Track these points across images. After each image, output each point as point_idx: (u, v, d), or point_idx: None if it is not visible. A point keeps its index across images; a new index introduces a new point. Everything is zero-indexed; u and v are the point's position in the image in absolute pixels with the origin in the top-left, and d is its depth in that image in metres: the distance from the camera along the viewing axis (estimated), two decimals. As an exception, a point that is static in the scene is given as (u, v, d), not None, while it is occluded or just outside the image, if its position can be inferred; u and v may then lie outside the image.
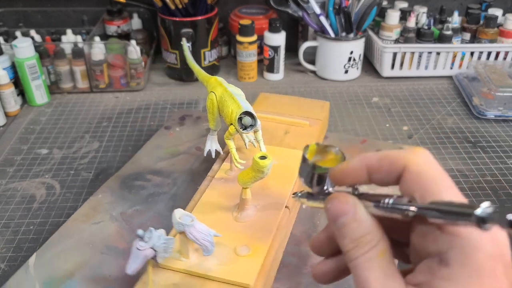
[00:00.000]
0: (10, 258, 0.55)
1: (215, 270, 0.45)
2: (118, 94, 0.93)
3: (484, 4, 1.05)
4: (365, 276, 0.24)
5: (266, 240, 0.48)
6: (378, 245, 0.25)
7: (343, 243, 0.25)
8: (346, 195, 0.26)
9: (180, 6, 0.91)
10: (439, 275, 0.23)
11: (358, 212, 0.25)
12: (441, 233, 0.23)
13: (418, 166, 0.24)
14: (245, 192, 0.50)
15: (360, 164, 0.26)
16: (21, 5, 1.06)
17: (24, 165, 0.71)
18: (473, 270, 0.22)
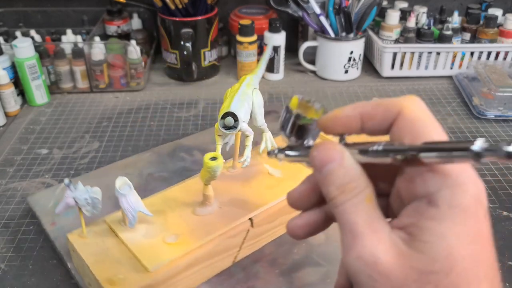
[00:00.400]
0: (10, 258, 0.55)
1: (134, 242, 0.48)
2: (118, 94, 0.93)
3: (484, 4, 1.05)
4: (353, 220, 0.24)
5: (200, 239, 0.49)
6: (364, 191, 0.25)
7: (329, 190, 0.25)
8: (333, 142, 0.26)
9: (180, 6, 0.91)
10: (427, 215, 0.23)
11: (345, 158, 0.25)
12: (432, 174, 0.23)
13: (413, 112, 0.25)
14: (205, 188, 0.51)
15: (353, 112, 0.26)
16: (21, 5, 1.06)
17: (24, 165, 0.71)
18: (460, 210, 0.23)
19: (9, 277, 0.52)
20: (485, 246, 0.23)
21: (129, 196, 0.47)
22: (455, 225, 0.23)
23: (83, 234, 0.49)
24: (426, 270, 0.22)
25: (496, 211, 0.61)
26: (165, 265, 0.46)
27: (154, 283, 0.45)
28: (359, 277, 0.24)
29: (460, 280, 0.22)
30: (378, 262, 0.23)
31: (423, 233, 0.23)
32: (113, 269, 0.46)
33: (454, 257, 0.22)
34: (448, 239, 0.22)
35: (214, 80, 0.99)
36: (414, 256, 0.23)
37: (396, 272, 0.23)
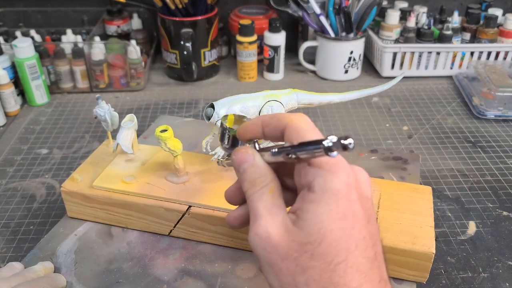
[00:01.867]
0: (10, 258, 0.55)
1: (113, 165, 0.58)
2: (118, 94, 0.93)
3: (484, 4, 1.05)
4: (256, 206, 0.30)
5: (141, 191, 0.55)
6: (269, 185, 0.31)
7: (244, 184, 0.32)
8: (247, 147, 0.33)
9: (180, 6, 0.91)
10: (307, 199, 0.29)
11: (255, 159, 0.32)
12: (309, 167, 0.29)
13: (296, 122, 0.31)
14: (175, 159, 0.55)
15: (257, 121, 0.34)
16: (21, 5, 1.06)
17: (24, 165, 0.71)
18: (331, 193, 0.28)
19: (9, 277, 0.52)
20: (357, 222, 0.28)
21: (123, 130, 0.57)
22: (327, 205, 0.28)
23: (109, 144, 0.63)
24: (303, 242, 0.28)
25: (496, 211, 0.61)
26: (104, 191, 0.55)
27: (90, 197, 0.55)
28: (257, 250, 0.30)
29: (330, 249, 0.27)
30: (270, 237, 0.29)
31: (304, 213, 0.29)
32: (85, 172, 0.58)
33: (324, 230, 0.28)
34: (321, 216, 0.28)
35: (214, 80, 0.99)
36: (296, 231, 0.29)
37: (282, 245, 0.29)
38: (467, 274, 0.52)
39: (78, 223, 0.57)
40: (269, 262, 0.29)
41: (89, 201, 0.56)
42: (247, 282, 0.50)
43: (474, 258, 0.54)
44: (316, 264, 0.27)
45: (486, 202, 0.63)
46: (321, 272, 0.27)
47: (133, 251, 0.54)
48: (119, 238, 0.56)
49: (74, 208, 0.57)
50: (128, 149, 0.58)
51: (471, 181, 0.67)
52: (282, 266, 0.28)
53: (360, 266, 0.28)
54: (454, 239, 0.57)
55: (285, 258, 0.28)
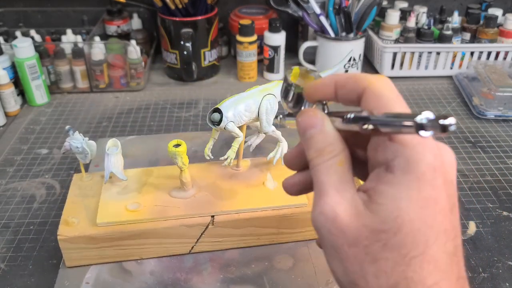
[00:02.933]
0: (10, 258, 0.55)
1: (105, 197, 0.53)
2: (118, 94, 0.93)
3: (484, 4, 1.05)
4: (323, 180, 0.27)
5: (154, 215, 0.51)
6: (339, 155, 0.27)
7: (309, 152, 0.28)
8: (316, 110, 0.29)
9: (180, 6, 0.91)
10: (384, 180, 0.25)
11: (325, 125, 0.28)
12: (390, 143, 0.25)
13: (378, 87, 0.27)
14: (181, 173, 0.53)
15: (329, 81, 0.29)
16: (21, 5, 1.06)
17: (24, 165, 0.71)
18: (414, 177, 0.24)
19: (9, 277, 0.52)
20: (439, 212, 0.25)
21: (111, 157, 0.53)
22: (407, 190, 0.24)
23: (83, 178, 0.57)
24: (376, 229, 0.25)
25: (496, 211, 0.61)
26: (112, 226, 0.50)
27: (97, 237, 0.49)
28: (321, 231, 0.26)
29: (407, 240, 0.24)
30: (337, 219, 0.26)
31: (379, 196, 0.25)
32: (76, 212, 0.52)
33: (402, 219, 0.24)
34: (399, 202, 0.24)
35: (214, 80, 0.99)
36: (368, 216, 0.25)
37: (351, 229, 0.25)
38: (467, 274, 0.52)
39: (82, 270, 0.51)
40: (334, 246, 0.26)
41: (95, 242, 0.50)
42: (291, 272, 0.51)
43: (474, 258, 0.54)
44: (389, 255, 0.24)
45: (486, 202, 0.63)
46: (394, 264, 0.24)
47: (163, 279, 0.50)
48: (139, 271, 0.51)
49: (76, 255, 0.51)
50: (123, 176, 0.54)
51: (471, 181, 0.67)
52: (349, 252, 0.25)
53: (438, 262, 0.24)
54: (454, 239, 0.57)
55: (354, 244, 0.25)
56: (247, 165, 0.60)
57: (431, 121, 0.22)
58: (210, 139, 0.57)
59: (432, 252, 0.24)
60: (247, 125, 0.57)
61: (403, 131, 0.24)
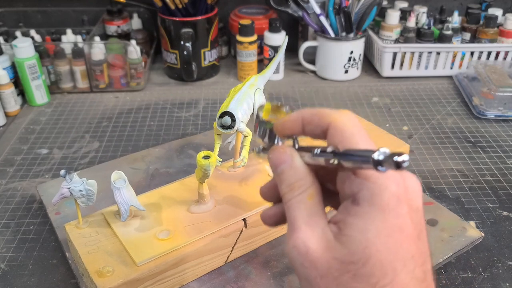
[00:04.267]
0: (10, 258, 0.55)
1: (126, 236, 0.49)
2: (118, 94, 0.93)
3: (484, 4, 1.05)
4: (294, 215, 0.28)
5: (191, 236, 0.49)
6: (308, 190, 0.28)
7: (281, 187, 0.29)
8: (285, 146, 0.30)
9: (180, 6, 0.91)
10: (351, 212, 0.26)
11: (294, 161, 0.29)
12: (354, 177, 0.26)
13: (341, 123, 0.28)
14: (200, 186, 0.52)
15: (297, 117, 0.30)
16: (21, 5, 1.06)
17: (24, 165, 0.71)
18: (378, 208, 0.25)
19: (9, 277, 0.52)
20: (405, 239, 0.26)
21: (123, 190, 0.49)
22: (373, 221, 0.25)
23: (79, 225, 0.51)
24: (346, 261, 0.25)
25: (496, 211, 0.61)
26: (154, 260, 0.47)
27: (141, 277, 0.46)
28: (294, 264, 0.27)
29: (375, 270, 0.25)
30: (309, 252, 0.27)
31: (347, 228, 0.26)
32: (103, 261, 0.47)
33: (370, 249, 0.25)
34: (367, 233, 0.25)
35: (214, 80, 0.99)
36: (338, 248, 0.26)
37: (322, 262, 0.26)
38: (467, 274, 0.52)
39: None
40: (307, 278, 0.27)
41: (139, 283, 0.47)
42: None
43: (474, 258, 0.54)
44: (358, 286, 0.25)
45: (486, 202, 0.63)
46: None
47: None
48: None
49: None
50: (141, 207, 0.50)
51: (471, 181, 0.67)
52: (321, 284, 0.26)
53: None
54: (454, 239, 0.57)
55: (325, 276, 0.26)
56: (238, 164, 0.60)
57: (387, 157, 0.23)
58: (216, 145, 0.55)
59: (401, 280, 0.25)
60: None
61: (363, 166, 0.25)
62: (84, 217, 0.51)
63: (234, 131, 0.52)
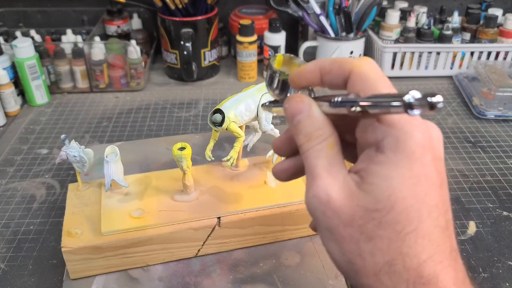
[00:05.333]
0: (10, 258, 0.55)
1: (106, 206, 0.53)
2: (118, 94, 0.93)
3: (484, 4, 1.05)
4: (314, 163, 0.27)
5: (160, 220, 0.51)
6: (328, 139, 0.27)
7: (298, 138, 0.28)
8: (302, 95, 0.29)
9: (180, 6, 0.91)
10: (375, 160, 0.26)
11: (312, 110, 0.28)
12: (379, 124, 0.26)
13: (363, 70, 0.27)
14: (184, 177, 0.53)
15: (314, 67, 0.29)
16: (21, 5, 1.06)
17: (24, 165, 0.71)
18: (404, 155, 0.25)
19: (9, 277, 0.52)
20: (430, 188, 0.25)
21: (111, 164, 0.52)
22: (398, 169, 0.25)
23: (79, 188, 0.56)
24: (370, 208, 0.25)
25: (496, 211, 0.61)
26: (118, 234, 0.49)
27: (103, 246, 0.49)
28: (315, 213, 0.27)
29: (401, 217, 0.25)
30: (331, 200, 0.26)
31: (370, 176, 0.25)
32: (78, 223, 0.51)
33: (395, 196, 0.25)
34: (391, 181, 0.25)
35: (214, 80, 0.99)
36: (362, 196, 0.25)
37: (345, 210, 0.26)
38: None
39: (88, 282, 0.50)
40: (329, 228, 0.26)
41: (100, 252, 0.49)
42: (300, 267, 0.51)
43: (474, 258, 0.54)
44: (383, 233, 0.25)
45: (486, 202, 0.63)
46: (389, 242, 0.25)
47: (172, 285, 0.50)
48: (146, 278, 0.51)
49: (80, 266, 0.50)
50: (124, 183, 0.53)
51: (471, 181, 0.67)
52: (345, 233, 0.25)
53: (432, 236, 0.25)
54: (454, 239, 0.57)
55: (349, 225, 0.25)
56: (246, 165, 0.60)
57: (418, 100, 0.22)
58: (211, 141, 0.56)
59: (425, 227, 0.25)
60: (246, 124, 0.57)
61: (391, 111, 0.24)
62: (88, 182, 0.57)
63: (223, 130, 0.53)
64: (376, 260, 0.25)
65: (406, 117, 0.25)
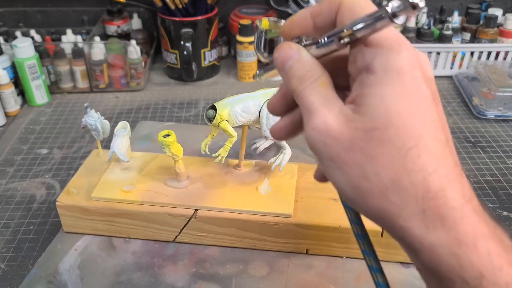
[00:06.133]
0: (10, 258, 0.55)
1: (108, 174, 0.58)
2: (118, 94, 0.93)
3: (484, 4, 1.05)
4: (309, 101, 0.27)
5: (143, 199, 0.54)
6: (320, 78, 0.28)
7: (291, 83, 0.29)
8: (290, 43, 0.29)
9: (180, 6, 0.91)
10: (367, 83, 0.26)
11: (302, 54, 0.28)
12: (367, 47, 0.26)
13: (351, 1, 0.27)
14: (175, 164, 0.55)
15: (305, 12, 0.29)
16: (21, 5, 1.06)
17: (24, 165, 0.71)
18: (394, 72, 0.25)
19: (9, 277, 0.52)
20: (425, 104, 0.25)
21: (117, 138, 0.57)
22: (391, 86, 0.25)
23: (99, 154, 0.62)
24: (368, 128, 0.25)
25: (496, 211, 0.61)
26: (104, 202, 0.54)
27: (90, 209, 0.54)
28: (316, 146, 0.27)
29: (400, 133, 0.24)
30: (329, 129, 0.26)
31: (365, 98, 0.25)
32: (80, 185, 0.57)
33: (391, 112, 0.25)
34: (385, 98, 0.25)
35: (214, 80, 0.99)
36: (359, 119, 0.25)
37: (345, 135, 0.26)
38: (467, 274, 0.52)
39: (76, 238, 0.56)
40: (331, 157, 0.26)
41: (88, 214, 0.54)
42: (261, 281, 0.50)
43: (474, 258, 0.54)
44: (385, 151, 0.25)
45: (486, 202, 0.63)
46: (391, 159, 0.24)
47: (140, 261, 0.53)
48: (123, 249, 0.54)
49: (71, 222, 0.55)
50: (124, 157, 0.57)
51: (471, 181, 0.67)
52: (347, 158, 0.26)
53: (434, 151, 0.25)
54: (454, 239, 0.57)
55: (350, 149, 0.25)
56: (250, 166, 0.60)
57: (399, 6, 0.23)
58: (209, 135, 0.57)
59: (426, 142, 0.25)
60: (249, 126, 0.57)
61: (377, 27, 0.24)
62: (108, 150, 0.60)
63: (215, 126, 0.53)
64: (381, 179, 0.25)
65: (392, 37, 0.26)
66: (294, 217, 0.52)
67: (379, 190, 0.25)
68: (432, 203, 0.24)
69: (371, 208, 0.26)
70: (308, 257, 0.53)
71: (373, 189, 0.25)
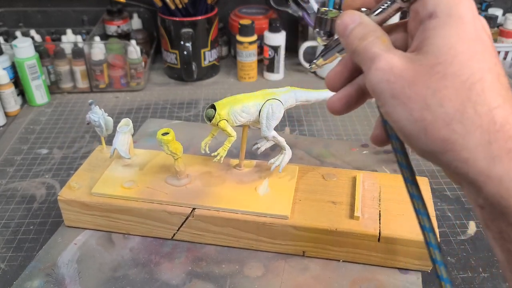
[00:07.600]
0: (10, 258, 0.55)
1: (110, 170, 0.58)
2: (118, 94, 0.93)
3: (484, 4, 1.05)
4: (372, 51, 0.28)
5: (142, 196, 0.54)
6: (381, 36, 0.28)
7: (353, 44, 0.29)
8: (351, 10, 0.30)
9: (180, 6, 0.91)
10: (430, 27, 0.26)
11: (363, 18, 0.30)
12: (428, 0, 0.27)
13: None
14: (175, 162, 0.55)
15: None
16: (21, 5, 1.06)
17: (24, 165, 0.71)
18: (458, 18, 0.26)
19: (9, 277, 0.52)
20: (486, 48, 0.26)
21: (119, 134, 0.57)
22: (454, 28, 0.26)
23: (103, 150, 0.63)
24: (432, 63, 0.25)
25: None
26: (104, 198, 0.54)
27: (90, 204, 0.54)
28: (379, 86, 0.27)
29: (463, 68, 0.25)
30: (393, 67, 0.26)
31: (428, 39, 0.26)
32: (82, 179, 0.57)
33: (455, 50, 0.25)
34: (449, 38, 0.25)
35: (214, 80, 0.99)
36: (423, 57, 0.26)
37: (409, 71, 0.26)
38: (467, 274, 0.52)
39: (76, 232, 0.56)
40: (394, 94, 0.26)
41: (88, 209, 0.55)
42: (256, 281, 0.50)
43: (474, 258, 0.54)
44: (449, 83, 0.25)
45: None
46: (456, 91, 0.25)
47: (137, 257, 0.53)
48: (121, 245, 0.55)
49: (72, 216, 0.56)
50: (126, 154, 0.57)
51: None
52: (411, 92, 0.26)
53: (496, 89, 0.25)
54: (454, 239, 0.57)
55: (413, 83, 0.26)
56: (251, 166, 0.60)
57: None
58: (209, 135, 0.57)
59: (489, 80, 0.25)
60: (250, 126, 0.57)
61: None
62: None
63: (215, 125, 0.53)
64: (446, 110, 0.25)
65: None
66: (291, 219, 0.52)
67: (444, 121, 0.25)
68: (498, 136, 0.24)
69: (433, 141, 0.25)
70: (304, 259, 0.53)
71: (437, 120, 0.25)
